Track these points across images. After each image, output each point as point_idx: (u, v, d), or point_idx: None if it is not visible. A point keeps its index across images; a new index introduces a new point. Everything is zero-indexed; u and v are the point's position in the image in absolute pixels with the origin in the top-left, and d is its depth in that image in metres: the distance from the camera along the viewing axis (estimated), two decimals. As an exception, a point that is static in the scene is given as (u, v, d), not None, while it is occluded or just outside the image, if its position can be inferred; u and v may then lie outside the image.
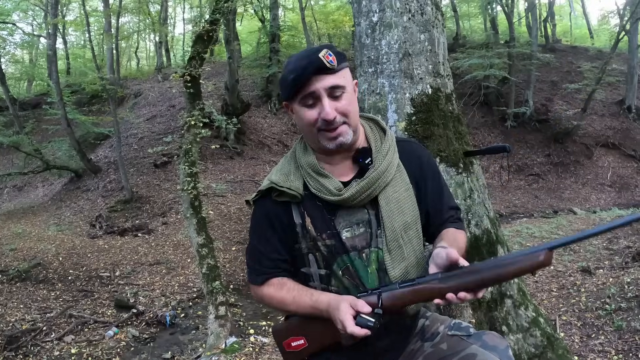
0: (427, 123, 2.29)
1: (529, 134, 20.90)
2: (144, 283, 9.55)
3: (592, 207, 16.97)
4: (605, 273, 7.52)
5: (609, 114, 21.53)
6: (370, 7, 2.39)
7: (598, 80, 19.42)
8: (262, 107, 20.91)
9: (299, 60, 1.46)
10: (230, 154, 16.89)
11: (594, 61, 21.95)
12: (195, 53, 7.11)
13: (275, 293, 1.60)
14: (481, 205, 2.48)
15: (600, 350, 4.65)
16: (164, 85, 22.82)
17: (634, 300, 5.47)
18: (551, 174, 19.56)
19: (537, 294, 7.18)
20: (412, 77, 2.30)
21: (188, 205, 6.48)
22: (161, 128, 18.62)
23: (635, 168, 19.44)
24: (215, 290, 6.27)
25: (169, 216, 13.39)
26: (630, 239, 10.11)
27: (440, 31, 2.44)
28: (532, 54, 20.50)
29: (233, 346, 5.65)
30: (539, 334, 2.63)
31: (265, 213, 1.60)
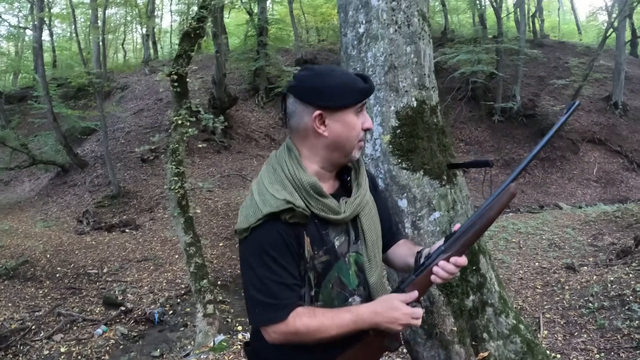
0: (412, 136, 2.32)
1: (516, 129, 21.02)
2: (132, 280, 9.57)
3: (577, 202, 17.12)
4: (589, 270, 7.59)
5: (596, 110, 21.71)
6: (357, 18, 2.39)
7: (585, 77, 19.60)
8: (250, 101, 20.87)
9: (352, 75, 1.53)
10: (217, 148, 16.87)
11: (582, 57, 22.11)
12: (182, 51, 7.08)
13: (312, 321, 1.46)
14: (464, 217, 2.52)
15: (582, 349, 4.69)
16: (151, 79, 22.65)
17: (616, 299, 5.54)
18: (537, 168, 19.69)
19: (522, 290, 7.24)
20: (398, 90, 2.32)
21: (175, 205, 6.48)
22: (148, 122, 18.55)
23: (621, 164, 19.63)
24: (203, 289, 6.30)
25: (156, 211, 13.37)
26: (614, 235, 10.22)
27: (426, 42, 2.46)
28: (520, 49, 20.62)
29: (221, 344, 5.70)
30: (519, 340, 2.67)
31: (281, 236, 1.45)
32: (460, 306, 2.53)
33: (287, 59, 23.68)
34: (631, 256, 7.67)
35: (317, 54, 25.28)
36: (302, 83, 1.50)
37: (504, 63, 20.97)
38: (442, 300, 2.49)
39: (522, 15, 22.13)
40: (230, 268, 10.77)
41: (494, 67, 20.69)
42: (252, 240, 1.45)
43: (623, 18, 21.16)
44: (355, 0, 2.39)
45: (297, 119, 1.53)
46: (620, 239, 9.69)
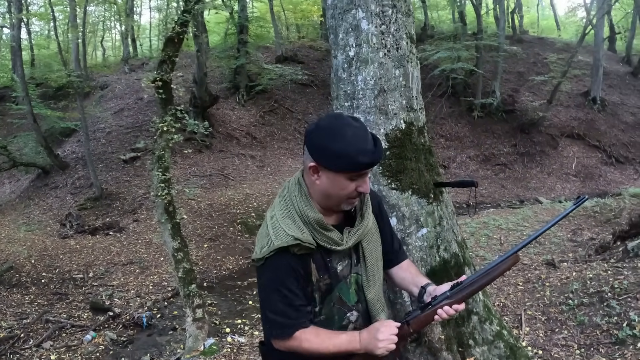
0: (401, 158, 2.41)
1: (496, 125, 21.22)
2: (118, 284, 9.53)
3: (557, 196, 17.35)
4: (569, 266, 7.71)
5: (574, 105, 21.99)
6: (347, 41, 2.45)
7: (564, 73, 19.82)
8: (230, 99, 20.75)
9: (364, 143, 1.61)
10: (198, 147, 16.74)
11: (561, 53, 22.36)
12: (166, 57, 7.04)
13: (315, 338, 1.71)
14: (450, 231, 2.63)
15: (563, 345, 4.80)
16: (131, 77, 22.46)
17: (595, 295, 5.66)
18: (517, 163, 19.90)
19: (503, 287, 7.34)
20: (387, 113, 2.41)
21: (162, 211, 6.50)
22: (129, 122, 18.38)
23: (600, 158, 19.94)
24: (192, 294, 6.34)
25: (139, 213, 13.30)
26: (593, 230, 10.41)
27: (414, 65, 2.54)
28: (500, 45, 20.79)
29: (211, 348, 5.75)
30: (502, 345, 2.80)
31: (289, 266, 1.67)
32: (448, 315, 2.64)
33: (268, 56, 23.64)
34: (609, 252, 7.83)
35: (297, 50, 25.23)
36: (311, 134, 1.65)
37: (483, 59, 21.15)
38: (430, 310, 2.59)
39: (502, 11, 22.29)
40: (215, 269, 10.78)
41: (474, 63, 20.85)
42: (267, 268, 1.68)
43: (602, 15, 21.47)
44: (345, 24, 2.45)
45: (305, 159, 1.70)
46: (599, 234, 9.87)
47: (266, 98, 21.31)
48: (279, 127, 20.29)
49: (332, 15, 2.53)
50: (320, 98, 22.31)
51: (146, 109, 18.90)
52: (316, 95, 22.50)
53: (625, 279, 5.67)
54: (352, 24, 2.42)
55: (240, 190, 14.75)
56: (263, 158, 18.08)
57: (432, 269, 2.58)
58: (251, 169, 17.14)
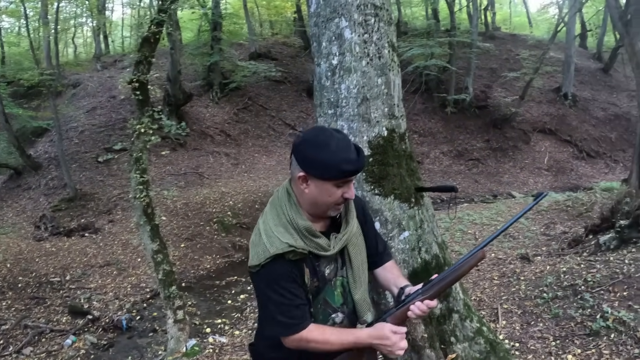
0: (383, 164, 2.48)
1: (469, 120, 21.44)
2: (95, 286, 9.44)
3: (530, 190, 17.61)
4: (542, 260, 7.86)
5: (546, 100, 22.35)
6: (331, 49, 2.49)
7: (536, 70, 20.12)
8: (204, 97, 20.59)
9: (347, 152, 1.73)
10: (173, 145, 16.58)
11: (533, 50, 22.65)
12: (143, 57, 6.97)
13: (320, 335, 1.81)
14: (430, 234, 2.71)
15: (539, 337, 4.90)
16: (104, 75, 22.12)
17: (569, 289, 5.79)
18: (490, 158, 20.14)
19: (479, 282, 7.45)
20: (370, 120, 2.46)
21: (141, 213, 6.47)
22: (102, 120, 18.10)
23: (571, 153, 20.31)
24: (172, 295, 6.34)
25: (114, 213, 13.16)
26: (566, 224, 10.61)
27: (396, 73, 2.60)
28: (473, 42, 20.98)
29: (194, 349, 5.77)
30: (482, 341, 2.89)
31: (286, 270, 1.76)
32: (430, 314, 2.72)
33: (241, 53, 23.50)
34: (582, 245, 8.01)
35: (270, 47, 25.14)
36: (299, 146, 1.76)
37: (456, 56, 21.33)
38: (413, 310, 2.67)
39: (475, 8, 22.47)
40: (193, 269, 10.74)
41: (447, 60, 21.06)
42: (264, 274, 1.76)
43: (574, 13, 21.86)
44: (328, 32, 2.49)
45: (292, 170, 1.81)
46: (571, 228, 10.07)
47: (240, 95, 21.21)
48: (253, 124, 20.21)
49: (316, 23, 2.56)
50: (294, 95, 22.29)
51: (119, 107, 18.66)
52: (290, 92, 22.47)
53: (598, 272, 5.82)
54: (336, 32, 2.46)
55: (215, 189, 14.70)
56: (237, 156, 18.01)
57: (414, 271, 2.65)
58: (226, 167, 17.08)
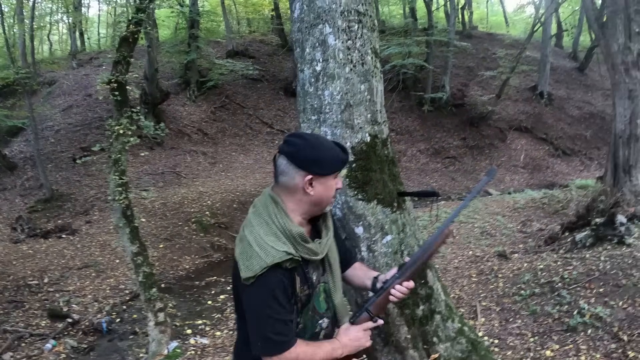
0: (366, 170, 2.51)
1: (446, 118, 21.63)
2: (74, 289, 9.32)
3: (506, 188, 17.81)
4: (520, 257, 7.98)
5: (522, 99, 22.67)
6: (314, 55, 2.50)
7: (513, 68, 20.39)
8: (181, 95, 20.47)
9: (334, 145, 1.87)
10: (150, 145, 16.46)
11: (510, 49, 22.95)
12: (121, 57, 6.90)
13: (308, 349, 1.82)
14: (412, 237, 2.76)
15: (518, 334, 5.01)
16: (79, 73, 21.85)
17: (546, 285, 5.91)
18: (467, 156, 20.35)
19: (458, 279, 7.54)
20: (353, 127, 2.49)
21: (120, 215, 6.41)
22: (78, 119, 17.90)
23: (547, 150, 20.63)
24: (153, 298, 6.30)
25: (92, 214, 13.02)
26: (542, 221, 10.78)
27: (378, 79, 2.63)
28: (450, 41, 21.17)
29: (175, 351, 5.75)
30: (464, 341, 2.95)
31: (280, 281, 1.75)
32: (412, 315, 2.77)
33: (218, 51, 23.40)
34: (558, 243, 8.16)
35: (248, 45, 25.07)
36: (299, 152, 1.79)
37: (433, 54, 21.52)
38: (396, 312, 2.72)
39: (452, 7, 22.65)
40: (172, 270, 10.69)
41: (424, 58, 21.22)
42: (259, 286, 1.72)
43: (550, 14, 22.19)
44: (312, 38, 2.50)
45: (289, 179, 1.82)
46: (547, 225, 10.23)
47: (217, 93, 21.15)
48: (230, 122, 20.15)
49: (299, 29, 2.57)
50: (271, 93, 22.26)
51: (95, 106, 18.46)
52: (267, 90, 22.43)
53: (574, 269, 5.95)
54: (319, 38, 2.47)
55: (193, 188, 14.63)
56: (215, 154, 17.95)
57: (397, 273, 2.69)
58: (203, 166, 17.01)
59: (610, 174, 9.08)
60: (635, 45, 8.73)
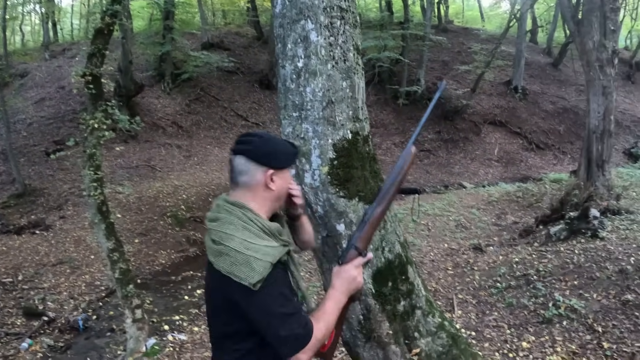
0: (348, 167, 2.51)
1: (420, 112, 21.56)
2: (49, 286, 9.19)
3: (480, 181, 18.03)
4: (495, 250, 8.10)
5: (497, 93, 22.91)
6: (296, 52, 2.47)
7: (488, 63, 20.58)
8: (155, 87, 20.21)
9: (283, 140, 1.91)
10: (124, 138, 16.17)
11: (485, 43, 23.17)
12: (96, 49, 6.79)
13: (321, 324, 1.79)
14: (393, 234, 2.77)
15: (494, 326, 5.09)
16: (52, 64, 21.45)
17: (522, 278, 6.00)
18: (441, 149, 20.49)
19: (434, 272, 7.63)
20: (335, 124, 2.48)
21: (95, 211, 6.33)
22: (51, 112, 17.56)
23: (521, 144, 20.90)
24: (130, 294, 6.24)
25: (65, 209, 12.81)
26: (516, 214, 10.94)
27: (360, 76, 2.62)
28: (426, 35, 21.27)
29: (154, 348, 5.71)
30: (444, 335, 2.98)
31: (285, 275, 1.79)
32: (394, 311, 2.78)
33: (193, 43, 23.14)
34: (533, 235, 8.31)
35: (223, 37, 24.86)
36: (257, 148, 1.78)
37: (409, 48, 21.61)
38: (378, 308, 2.73)
39: (428, 1, 22.76)
40: (148, 265, 10.60)
41: (400, 52, 21.30)
42: (267, 287, 1.66)
43: (525, 10, 22.47)
44: (294, 34, 2.47)
45: (249, 177, 1.78)
46: (522, 218, 10.40)
47: (192, 86, 20.93)
48: (205, 115, 19.98)
49: (281, 25, 2.55)
50: (246, 86, 22.13)
51: (68, 98, 18.13)
52: (242, 82, 22.30)
53: (549, 262, 6.05)
54: (301, 34, 2.45)
55: (168, 182, 14.51)
56: (190, 147, 17.80)
57: (378, 270, 2.70)
58: (178, 159, 16.85)
59: (584, 168, 9.26)
60: (610, 43, 8.90)
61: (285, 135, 2.57)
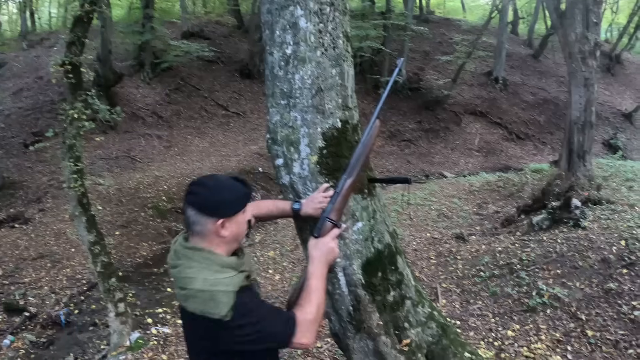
0: (337, 156, 2.46)
1: (402, 102, 21.81)
2: (30, 280, 9.06)
3: (461, 170, 18.18)
4: (477, 239, 8.13)
5: (478, 84, 23.08)
6: (285, 38, 2.42)
7: (469, 54, 20.68)
8: (135, 77, 19.97)
9: (233, 180, 1.92)
10: (103, 129, 15.94)
11: (466, 34, 23.27)
12: (75, 38, 6.64)
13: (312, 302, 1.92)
14: (382, 223, 2.74)
15: (479, 315, 5.13)
16: (30, 54, 21.13)
17: (505, 267, 6.05)
18: (422, 139, 20.62)
19: (417, 262, 7.64)
20: (324, 112, 2.44)
21: (76, 204, 6.22)
22: (29, 103, 17.28)
23: (501, 134, 21.10)
24: (112, 288, 6.16)
25: (45, 202, 12.60)
26: (498, 204, 11.00)
27: (349, 64, 2.58)
28: (407, 25, 21.31)
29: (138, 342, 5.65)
30: (434, 325, 2.97)
31: (252, 295, 1.88)
32: (383, 302, 2.76)
33: (173, 32, 22.90)
34: (515, 225, 8.37)
35: (203, 26, 24.68)
36: (205, 201, 1.83)
37: (390, 38, 21.64)
38: (368, 298, 2.70)
39: (411, -8, 22.80)
40: (129, 257, 10.51)
41: (381, 42, 21.29)
42: (239, 313, 1.74)
43: (508, 1, 22.60)
44: (282, 20, 2.41)
45: (201, 227, 1.83)
46: (503, 208, 10.46)
47: (172, 75, 20.73)
48: (185, 105, 19.80)
49: (269, 10, 2.49)
50: (227, 75, 22.00)
51: (47, 89, 17.84)
52: (223, 72, 22.16)
53: (532, 251, 6.10)
54: (290, 21, 2.40)
55: (149, 173, 14.38)
56: (170, 138, 17.64)
57: (368, 260, 2.67)
58: (158, 150, 16.70)
59: (565, 159, 9.32)
60: (592, 35, 8.96)
61: (272, 124, 2.51)
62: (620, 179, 10.62)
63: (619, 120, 23.11)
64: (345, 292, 2.64)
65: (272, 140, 2.53)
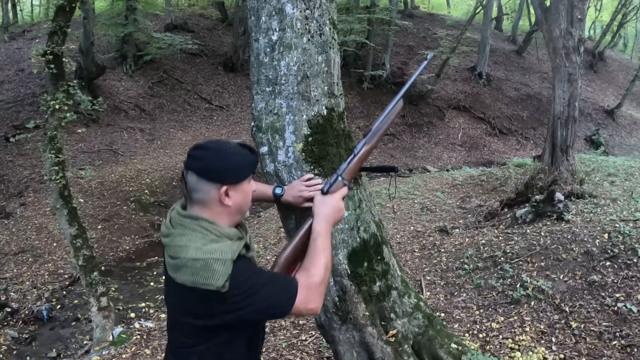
0: (323, 144, 2.44)
1: (385, 96, 21.81)
2: (11, 275, 8.94)
3: (444, 165, 18.30)
4: (461, 233, 8.16)
5: (461, 79, 23.18)
6: (270, 24, 2.38)
7: (453, 49, 20.75)
8: (117, 69, 19.79)
9: (240, 147, 1.74)
10: (85, 121, 15.78)
11: (451, 30, 23.40)
12: (57, 27, 6.53)
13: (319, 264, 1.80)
14: (368, 213, 2.72)
15: (463, 307, 5.11)
16: (12, 46, 20.85)
17: (489, 260, 6.05)
18: (406, 134, 20.67)
19: (401, 255, 7.64)
20: (310, 99, 2.41)
21: (57, 196, 6.13)
22: (10, 95, 17.00)
23: (484, 129, 21.22)
24: (94, 282, 6.09)
25: (26, 196, 12.43)
26: (481, 197, 11.06)
27: (336, 51, 2.55)
28: (391, 20, 21.30)
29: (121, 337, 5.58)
30: (420, 316, 2.97)
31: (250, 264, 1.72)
32: (370, 292, 2.74)
33: (156, 24, 22.73)
34: (498, 218, 8.42)
35: (187, 19, 24.52)
36: (208, 165, 1.66)
37: (374, 32, 21.63)
38: (354, 289, 2.68)
39: (395, -14, 22.79)
40: (112, 252, 10.41)
41: (365, 36, 21.29)
42: (236, 283, 1.58)
43: (492, -1, 22.75)
44: (268, 6, 2.38)
45: (202, 194, 1.67)
46: (486, 201, 10.52)
47: (155, 68, 20.57)
48: (168, 98, 19.64)
49: (254, -4, 2.46)
50: (210, 68, 21.87)
51: (28, 82, 17.58)
52: (206, 65, 22.04)
53: (516, 244, 6.11)
54: (276, 7, 2.36)
55: (131, 166, 14.26)
56: (152, 131, 17.49)
57: (353, 250, 2.65)
58: (141, 143, 16.55)
59: (549, 153, 9.40)
60: (576, 31, 9.03)
61: (257, 111, 2.48)
62: (603, 174, 10.73)
63: (601, 117, 23.40)
64: (330, 282, 2.62)
65: (256, 127, 2.49)
